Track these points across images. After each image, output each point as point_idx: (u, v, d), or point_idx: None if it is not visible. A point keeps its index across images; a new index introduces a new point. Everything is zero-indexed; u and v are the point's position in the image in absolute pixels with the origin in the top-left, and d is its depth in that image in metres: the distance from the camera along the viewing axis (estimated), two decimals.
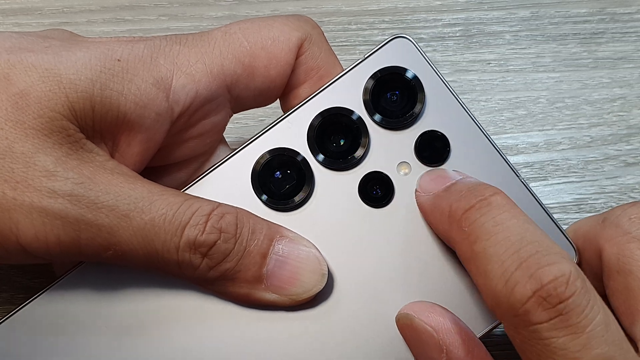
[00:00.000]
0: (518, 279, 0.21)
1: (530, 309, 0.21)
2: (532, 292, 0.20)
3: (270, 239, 0.25)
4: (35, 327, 0.25)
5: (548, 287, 0.20)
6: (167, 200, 0.24)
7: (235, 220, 0.24)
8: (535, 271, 0.21)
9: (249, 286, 0.25)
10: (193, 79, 0.25)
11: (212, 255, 0.24)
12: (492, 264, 0.21)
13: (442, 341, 0.24)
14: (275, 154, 0.26)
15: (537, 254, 0.21)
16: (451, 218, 0.23)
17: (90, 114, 0.24)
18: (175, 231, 0.24)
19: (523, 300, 0.21)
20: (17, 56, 0.23)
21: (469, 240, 0.22)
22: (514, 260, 0.21)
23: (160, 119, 0.25)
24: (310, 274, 0.25)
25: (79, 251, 0.24)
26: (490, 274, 0.21)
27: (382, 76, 0.26)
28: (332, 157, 0.26)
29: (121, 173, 0.24)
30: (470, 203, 0.23)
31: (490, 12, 0.37)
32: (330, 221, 0.26)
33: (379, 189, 0.26)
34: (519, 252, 0.21)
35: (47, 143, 0.23)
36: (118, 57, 0.24)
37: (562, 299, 0.20)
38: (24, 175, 0.23)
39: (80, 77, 0.23)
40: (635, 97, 0.36)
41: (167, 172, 0.28)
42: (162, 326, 0.25)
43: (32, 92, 0.23)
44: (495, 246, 0.21)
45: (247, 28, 0.26)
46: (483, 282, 0.22)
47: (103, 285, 0.25)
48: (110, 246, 0.23)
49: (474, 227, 0.22)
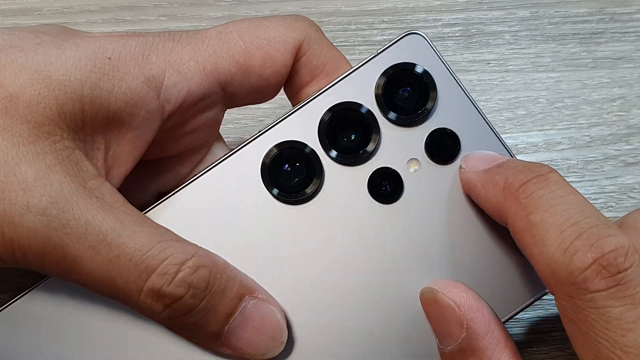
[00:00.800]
0: (578, 247, 0.21)
1: (590, 276, 0.21)
2: (593, 260, 0.21)
3: (240, 298, 0.25)
4: (20, 325, 0.25)
5: (608, 256, 0.21)
6: (138, 239, 0.23)
7: (208, 277, 0.24)
8: (596, 241, 0.21)
9: (206, 339, 0.25)
10: (185, 77, 0.25)
11: (175, 308, 0.23)
12: (550, 233, 0.21)
13: (464, 316, 0.24)
14: (285, 147, 0.26)
15: (597, 227, 0.21)
16: (507, 190, 0.23)
17: (79, 115, 0.23)
18: (140, 274, 0.23)
19: (583, 267, 0.21)
20: (8, 56, 0.23)
21: (526, 211, 0.22)
22: (575, 230, 0.21)
23: (151, 117, 0.25)
24: (269, 340, 0.25)
25: (43, 269, 0.23)
26: (549, 242, 0.21)
27: (394, 72, 0.26)
28: (342, 152, 0.26)
29: (99, 196, 0.23)
30: (528, 177, 0.23)
31: (490, 12, 0.37)
32: (338, 215, 0.26)
33: (388, 185, 0.26)
34: (579, 223, 0.21)
35: (32, 153, 0.23)
36: (109, 55, 0.24)
37: (621, 269, 0.20)
38: (3, 185, 0.22)
39: (69, 78, 0.23)
40: (634, 97, 0.36)
41: (167, 166, 0.28)
42: (145, 329, 0.25)
43: (22, 96, 0.23)
44: (554, 216, 0.22)
45: (243, 28, 0.26)
46: (539, 251, 0.22)
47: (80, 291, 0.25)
48: (72, 273, 0.23)
49: (531, 198, 0.22)
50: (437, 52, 0.26)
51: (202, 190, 0.26)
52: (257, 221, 0.26)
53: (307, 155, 0.26)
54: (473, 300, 0.24)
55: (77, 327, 0.25)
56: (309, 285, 0.26)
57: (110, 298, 0.24)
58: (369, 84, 0.26)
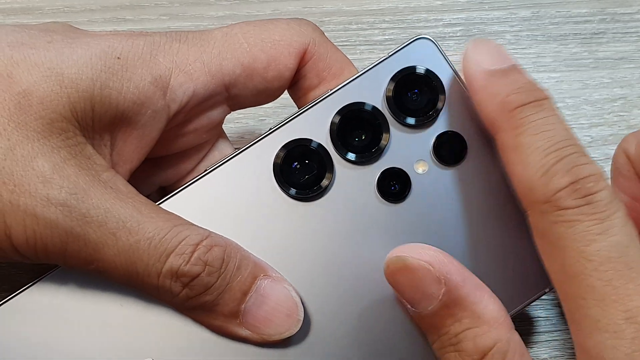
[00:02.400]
0: (557, 170, 0.23)
1: (563, 195, 0.23)
2: (568, 183, 0.23)
3: (254, 277, 0.25)
4: (22, 318, 0.25)
5: (582, 180, 0.23)
6: (156, 223, 0.24)
7: (222, 255, 0.24)
8: (572, 167, 0.23)
9: (224, 320, 0.25)
10: (191, 77, 0.25)
11: (192, 287, 0.24)
12: (534, 156, 0.23)
13: (439, 272, 0.24)
14: (296, 144, 0.26)
15: (575, 154, 0.23)
16: (504, 105, 0.24)
17: (90, 113, 0.24)
18: (159, 257, 0.24)
19: (558, 188, 0.23)
20: (21, 53, 0.23)
21: (517, 130, 0.24)
22: (557, 155, 0.23)
23: (157, 116, 0.25)
24: (286, 317, 0.25)
25: (64, 261, 0.24)
26: (532, 163, 0.23)
27: (404, 75, 0.26)
28: (353, 152, 0.26)
29: (115, 187, 0.24)
30: (528, 99, 0.24)
31: (491, 12, 0.37)
32: (347, 213, 0.26)
33: (397, 185, 0.26)
34: (562, 149, 0.23)
35: (47, 147, 0.23)
36: (118, 55, 0.24)
37: (591, 191, 0.23)
38: (22, 179, 0.23)
39: (81, 77, 0.23)
40: (636, 97, 0.36)
41: (170, 162, 0.28)
42: (147, 325, 0.25)
43: (35, 92, 0.23)
44: (541, 140, 0.23)
45: (248, 30, 0.26)
46: (521, 170, 0.23)
47: (90, 281, 0.25)
48: (93, 261, 0.24)
49: (524, 120, 0.24)
50: (445, 57, 0.27)
51: (213, 185, 0.26)
52: (267, 216, 0.26)
53: (319, 153, 0.26)
54: (441, 255, 0.25)
55: (82, 318, 0.25)
56: (318, 280, 0.26)
57: (129, 286, 0.24)
58: (379, 87, 0.27)
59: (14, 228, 0.23)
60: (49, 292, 0.25)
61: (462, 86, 0.27)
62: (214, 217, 0.26)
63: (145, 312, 0.25)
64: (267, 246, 0.26)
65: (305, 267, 0.26)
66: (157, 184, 0.29)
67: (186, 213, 0.25)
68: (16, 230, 0.23)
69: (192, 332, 0.25)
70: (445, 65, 0.27)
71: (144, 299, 0.25)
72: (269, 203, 0.26)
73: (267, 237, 0.26)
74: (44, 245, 0.23)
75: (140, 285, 0.24)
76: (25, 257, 0.24)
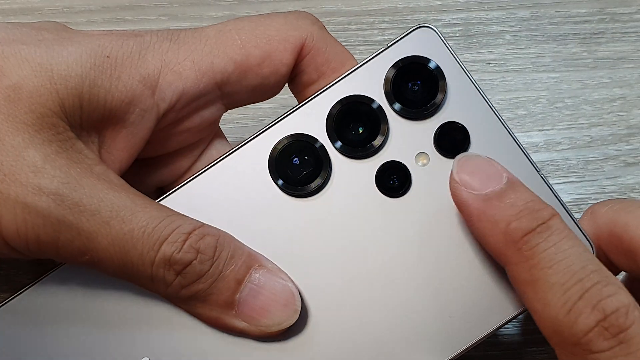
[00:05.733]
0: (581, 309, 0.21)
1: (593, 338, 0.21)
2: (596, 322, 0.21)
3: (248, 267, 0.25)
4: (20, 320, 0.25)
5: (610, 317, 0.21)
6: (149, 213, 0.24)
7: (215, 243, 0.24)
8: (597, 302, 0.21)
9: (220, 310, 0.25)
10: (180, 76, 0.25)
11: (185, 274, 0.24)
12: (553, 292, 0.22)
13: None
14: (293, 140, 0.26)
15: (598, 284, 0.22)
16: (508, 237, 0.23)
17: (78, 110, 0.24)
18: (153, 245, 0.23)
19: (586, 330, 0.21)
20: (11, 48, 0.23)
21: (529, 264, 0.22)
22: (577, 289, 0.21)
23: (146, 115, 0.25)
24: (283, 307, 0.25)
25: (57, 252, 0.23)
26: (552, 302, 0.22)
27: (404, 65, 0.26)
28: (350, 145, 0.26)
29: (107, 179, 0.24)
30: (531, 226, 0.22)
31: (490, 12, 0.37)
32: (346, 209, 0.26)
33: (396, 179, 0.26)
34: (582, 281, 0.22)
35: (37, 139, 0.23)
36: (107, 54, 0.24)
37: (622, 328, 0.21)
38: (12, 168, 0.22)
39: (71, 74, 0.23)
40: (635, 97, 0.36)
41: (165, 162, 0.28)
42: (144, 326, 0.25)
43: (25, 86, 0.23)
44: (557, 274, 0.22)
45: (242, 26, 0.26)
46: (542, 308, 0.22)
47: (89, 282, 0.25)
48: (87, 251, 0.23)
49: (534, 251, 0.22)
50: (448, 46, 0.26)
51: (208, 183, 0.26)
52: (264, 213, 0.26)
53: (315, 148, 0.26)
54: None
55: (82, 319, 0.25)
56: (315, 277, 0.26)
57: (124, 278, 0.24)
58: (379, 77, 0.26)
59: (4, 218, 0.22)
60: (49, 293, 0.25)
61: (465, 75, 0.26)
62: (211, 213, 0.26)
63: (144, 312, 0.25)
64: (265, 241, 0.26)
65: (304, 262, 0.26)
66: (153, 185, 0.28)
67: (183, 210, 0.25)
68: (6, 220, 0.22)
69: (191, 332, 0.25)
70: (447, 53, 0.26)
71: (143, 299, 0.25)
72: (267, 199, 0.26)
73: (265, 233, 0.26)
74: (35, 235, 0.23)
75: (134, 276, 0.24)
76: (16, 250, 0.23)
